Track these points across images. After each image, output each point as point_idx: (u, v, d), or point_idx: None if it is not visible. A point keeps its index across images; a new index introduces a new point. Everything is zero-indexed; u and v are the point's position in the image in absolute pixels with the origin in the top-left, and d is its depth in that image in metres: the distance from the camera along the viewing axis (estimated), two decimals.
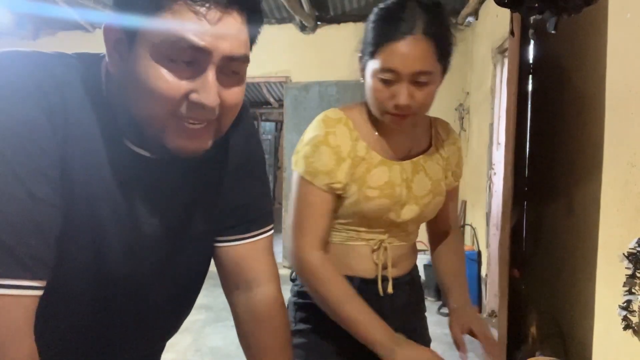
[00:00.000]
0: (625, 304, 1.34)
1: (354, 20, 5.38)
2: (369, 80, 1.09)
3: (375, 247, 1.18)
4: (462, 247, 1.43)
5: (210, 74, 0.65)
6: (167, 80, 0.64)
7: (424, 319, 1.38)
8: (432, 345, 1.31)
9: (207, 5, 0.63)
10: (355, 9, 5.25)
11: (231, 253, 0.88)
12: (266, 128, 10.12)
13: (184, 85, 0.65)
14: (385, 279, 1.20)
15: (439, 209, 1.26)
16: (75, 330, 0.77)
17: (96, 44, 0.69)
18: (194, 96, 0.65)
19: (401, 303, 1.24)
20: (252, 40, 0.72)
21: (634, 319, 1.34)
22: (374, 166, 1.14)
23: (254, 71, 5.36)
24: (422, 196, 1.18)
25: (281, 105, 7.02)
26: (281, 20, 5.56)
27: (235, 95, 0.70)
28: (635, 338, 1.34)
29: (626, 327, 1.35)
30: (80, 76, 0.69)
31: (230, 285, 0.91)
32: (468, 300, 1.31)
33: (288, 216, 1.17)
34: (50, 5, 4.87)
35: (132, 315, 0.81)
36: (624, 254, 1.34)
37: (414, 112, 1.07)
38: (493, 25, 3.90)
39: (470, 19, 4.66)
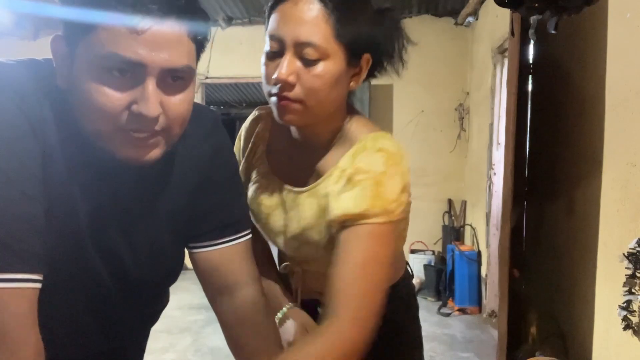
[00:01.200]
0: (625, 304, 1.34)
1: None
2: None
3: (285, 271, 1.06)
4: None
5: (150, 85, 0.65)
6: (107, 94, 0.65)
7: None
8: (432, 345, 1.31)
9: (140, 17, 0.62)
10: None
11: (208, 258, 0.90)
12: None
13: (124, 97, 0.65)
14: (313, 302, 1.04)
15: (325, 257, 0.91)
16: (55, 322, 0.79)
17: None
18: (134, 107, 0.65)
19: None
20: (200, 47, 0.72)
21: (634, 319, 1.34)
22: (256, 174, 1.02)
23: (254, 71, 5.36)
24: (290, 238, 0.97)
25: None
26: None
27: (179, 103, 0.69)
28: (635, 338, 1.34)
29: (626, 327, 1.35)
30: (52, 83, 0.70)
31: (213, 292, 0.92)
32: None
33: None
34: (50, 5, 4.87)
35: (102, 312, 0.84)
36: (624, 254, 1.34)
37: (300, 98, 0.85)
38: (493, 25, 3.90)
39: (470, 19, 4.66)
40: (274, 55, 0.85)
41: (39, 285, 0.68)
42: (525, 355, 1.84)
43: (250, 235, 0.92)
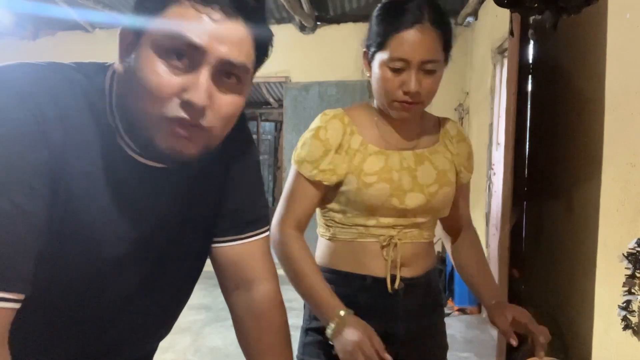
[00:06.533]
0: (624, 304, 1.34)
1: (354, 20, 5.38)
2: (377, 72, 1.14)
3: (385, 244, 1.20)
4: (477, 239, 1.41)
5: (204, 73, 0.66)
6: (160, 75, 0.65)
7: (441, 323, 1.36)
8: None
9: (212, 6, 0.65)
10: (355, 8, 5.25)
11: (228, 253, 0.90)
12: (266, 128, 10.10)
13: (176, 81, 0.65)
14: (396, 278, 1.20)
15: (450, 203, 1.28)
16: (61, 336, 0.78)
17: (96, 44, 0.70)
18: (184, 94, 0.65)
19: (415, 305, 1.23)
20: (260, 55, 0.72)
21: (634, 319, 1.34)
22: (369, 155, 1.19)
23: None
24: (427, 185, 1.21)
25: (281, 106, 7.02)
26: (281, 20, 5.56)
27: (229, 104, 0.69)
28: (635, 338, 1.34)
29: (625, 327, 1.35)
30: (78, 85, 0.70)
31: (229, 286, 0.92)
32: (499, 293, 1.33)
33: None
34: (50, 5, 4.87)
35: (119, 320, 0.83)
36: (623, 254, 1.34)
37: (422, 100, 1.13)
38: (493, 25, 3.90)
39: (469, 19, 4.66)
40: (397, 72, 1.11)
41: (14, 305, 0.63)
42: (525, 355, 1.84)
43: (268, 233, 0.95)
